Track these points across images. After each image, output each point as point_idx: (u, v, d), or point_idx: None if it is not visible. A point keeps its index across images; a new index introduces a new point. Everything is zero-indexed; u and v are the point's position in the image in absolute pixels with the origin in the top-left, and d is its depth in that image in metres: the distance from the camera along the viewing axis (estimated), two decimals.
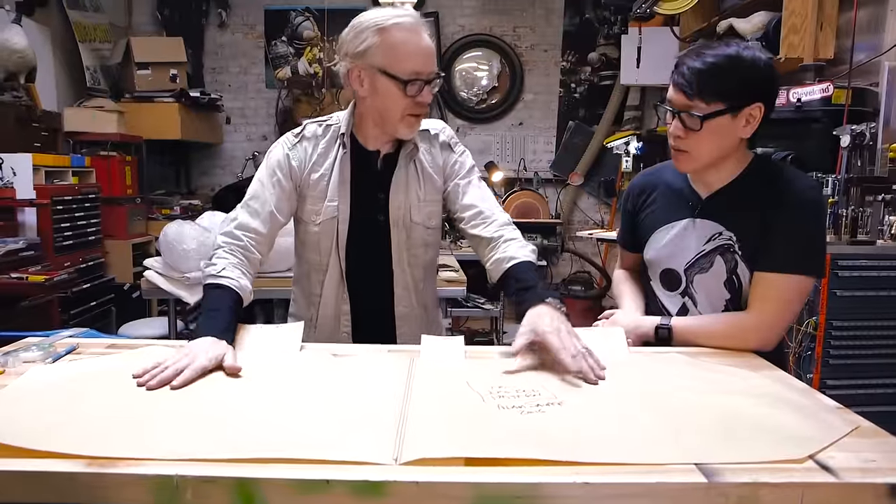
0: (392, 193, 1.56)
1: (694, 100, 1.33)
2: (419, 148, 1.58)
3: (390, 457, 0.82)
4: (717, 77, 1.31)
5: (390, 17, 1.41)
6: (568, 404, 1.02)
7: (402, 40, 1.41)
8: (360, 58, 1.44)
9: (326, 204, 1.55)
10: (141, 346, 1.30)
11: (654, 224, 1.55)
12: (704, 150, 1.38)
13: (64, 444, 0.82)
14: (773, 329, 1.39)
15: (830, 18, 3.10)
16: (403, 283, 1.62)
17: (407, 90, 1.42)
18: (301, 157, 1.56)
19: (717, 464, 0.83)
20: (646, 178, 1.64)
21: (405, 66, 1.41)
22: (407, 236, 1.59)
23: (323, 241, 1.57)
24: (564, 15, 5.42)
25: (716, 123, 1.34)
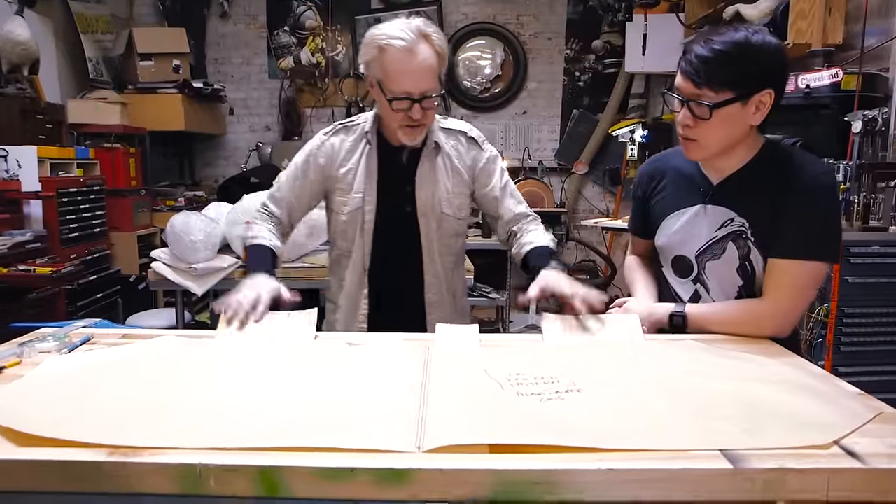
0: (418, 186, 1.66)
1: (702, 88, 1.31)
2: (443, 145, 1.68)
3: (413, 444, 0.82)
4: (726, 65, 1.29)
5: (389, 38, 1.50)
6: (587, 391, 1.02)
7: (394, 60, 1.50)
8: (366, 68, 1.58)
9: (353, 195, 1.66)
10: (155, 336, 1.29)
11: (664, 210, 1.54)
12: (714, 138, 1.36)
13: (86, 434, 0.82)
14: (788, 316, 1.38)
15: (839, 3, 3.07)
16: (433, 271, 1.71)
17: (393, 106, 1.53)
18: (329, 153, 1.69)
19: (741, 450, 0.82)
20: (655, 163, 1.63)
21: (395, 85, 1.51)
22: (438, 226, 1.69)
23: (349, 229, 1.69)
24: (568, 3, 5.38)
25: (725, 112, 1.32)
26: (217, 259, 2.86)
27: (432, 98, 1.54)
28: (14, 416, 0.86)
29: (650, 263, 1.68)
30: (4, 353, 1.17)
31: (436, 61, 1.53)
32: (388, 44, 1.49)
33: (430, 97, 1.53)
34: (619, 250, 5.46)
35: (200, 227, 2.79)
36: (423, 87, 1.51)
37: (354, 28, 5.39)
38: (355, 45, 5.41)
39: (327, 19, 5.35)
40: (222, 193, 4.21)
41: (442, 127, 1.71)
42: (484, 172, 1.73)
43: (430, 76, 1.53)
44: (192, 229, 2.77)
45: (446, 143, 1.69)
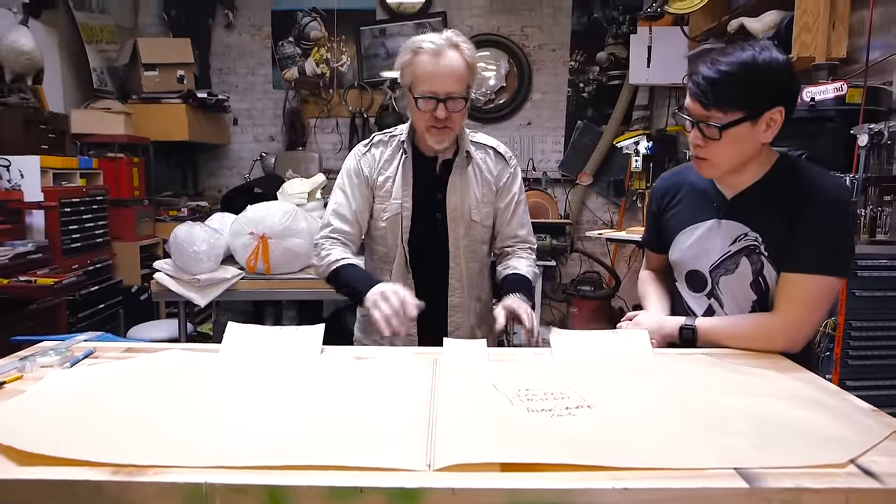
0: (449, 193, 1.75)
1: (711, 110, 1.31)
2: (473, 156, 1.78)
3: (423, 462, 0.80)
4: (733, 85, 1.28)
5: (421, 42, 1.61)
6: (598, 407, 1.00)
7: (422, 62, 1.59)
8: (401, 76, 1.68)
9: (391, 202, 1.76)
10: (158, 350, 1.28)
11: (678, 225, 1.54)
12: (724, 157, 1.36)
13: (89, 452, 0.80)
14: (801, 330, 1.36)
15: (843, 17, 3.07)
16: (458, 275, 1.78)
17: (419, 104, 1.61)
18: (370, 164, 1.78)
19: (757, 468, 0.81)
20: (670, 178, 1.62)
21: (421, 85, 1.60)
22: (465, 233, 1.77)
23: (389, 234, 1.77)
24: (572, 14, 5.40)
25: (735, 132, 1.31)
26: (220, 270, 2.85)
27: (457, 100, 1.60)
28: (15, 434, 0.85)
29: (664, 278, 1.68)
30: (5, 367, 1.16)
31: (463, 68, 1.60)
32: (419, 48, 1.59)
33: (455, 98, 1.60)
34: (623, 262, 5.45)
35: (204, 238, 2.79)
36: (448, 88, 1.59)
37: (359, 39, 5.40)
38: (360, 55, 5.42)
39: (332, 30, 5.36)
40: (226, 204, 4.20)
41: (473, 140, 1.80)
42: (506, 187, 1.82)
43: (456, 80, 1.60)
44: (196, 240, 2.76)
45: (476, 155, 1.79)
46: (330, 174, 3.60)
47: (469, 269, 1.80)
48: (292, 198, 3.32)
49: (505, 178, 1.82)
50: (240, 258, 2.90)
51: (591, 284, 5.16)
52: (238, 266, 2.93)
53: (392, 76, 5.25)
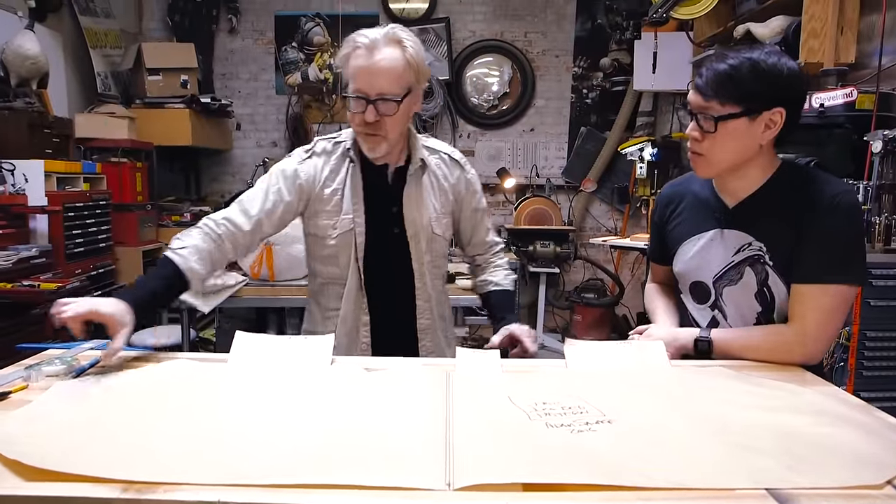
0: (405, 207, 1.59)
1: (710, 101, 1.30)
2: (428, 163, 1.62)
3: (443, 482, 0.77)
4: (734, 80, 1.28)
5: (357, 36, 1.46)
6: (618, 422, 0.97)
7: (355, 57, 1.45)
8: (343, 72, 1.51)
9: (342, 217, 1.56)
10: (165, 360, 1.25)
11: (681, 236, 1.51)
12: (720, 153, 1.34)
13: (98, 468, 0.77)
14: (818, 342, 1.33)
15: (851, 22, 3.05)
16: (425, 295, 1.63)
17: (349, 105, 1.47)
18: (310, 173, 1.57)
19: (788, 489, 0.78)
20: (673, 188, 1.60)
21: (353, 83, 1.46)
22: (428, 248, 1.62)
23: (341, 254, 1.58)
24: (576, 20, 5.39)
25: (731, 126, 1.30)
26: (224, 276, 2.83)
27: (388, 102, 1.43)
28: (21, 448, 0.82)
29: (671, 291, 1.65)
30: (10, 376, 1.13)
31: (402, 67, 1.45)
32: (354, 43, 1.45)
33: (387, 100, 1.44)
34: (627, 269, 5.42)
35: None
36: (379, 87, 1.43)
37: None
38: None
39: (335, 35, 5.35)
40: None
41: (425, 146, 1.65)
42: (467, 194, 1.70)
43: (391, 79, 1.44)
44: None
45: (431, 161, 1.64)
46: None
47: (435, 287, 1.65)
48: None
49: (463, 186, 1.68)
50: (243, 264, 2.88)
51: (594, 292, 5.14)
52: (242, 272, 2.91)
53: None
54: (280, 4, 5.42)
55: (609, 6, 5.32)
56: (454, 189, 1.67)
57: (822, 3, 3.01)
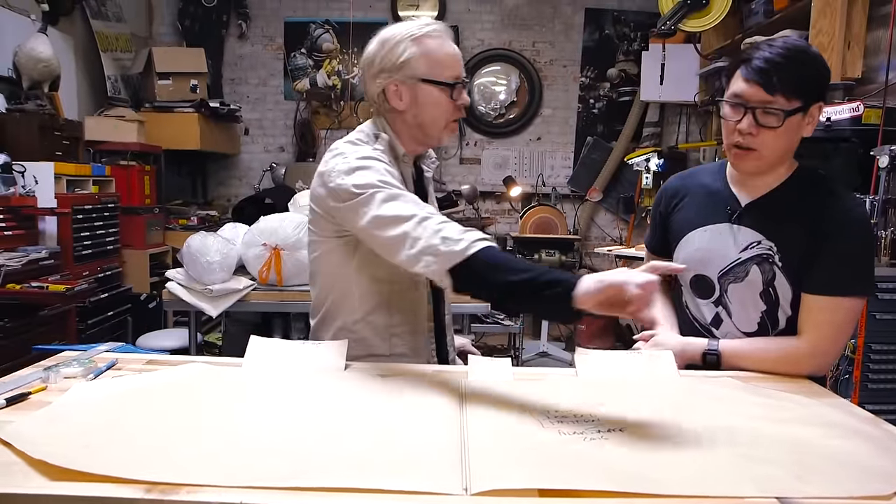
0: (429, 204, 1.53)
1: (776, 94, 1.26)
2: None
3: (459, 486, 0.79)
4: (796, 71, 1.26)
5: (422, 27, 1.40)
6: (630, 431, 0.99)
7: (438, 46, 1.40)
8: (397, 71, 1.39)
9: None
10: (180, 363, 1.27)
11: (686, 226, 1.51)
12: (775, 148, 1.32)
13: (122, 468, 0.79)
14: (828, 355, 1.35)
15: (858, 37, 3.07)
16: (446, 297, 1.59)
17: (454, 94, 1.41)
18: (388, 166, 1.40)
19: (799, 498, 0.79)
20: (680, 180, 1.60)
21: (447, 71, 1.40)
22: None
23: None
24: (584, 30, 5.42)
25: (791, 121, 1.28)
26: (233, 280, 2.84)
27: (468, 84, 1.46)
28: (45, 448, 0.84)
29: (667, 287, 1.65)
30: (29, 377, 1.15)
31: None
32: (426, 32, 1.39)
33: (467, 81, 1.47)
34: None
35: (217, 248, 2.78)
36: (462, 71, 1.45)
37: None
38: None
39: (344, 42, 5.38)
40: (237, 214, 4.20)
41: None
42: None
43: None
44: (209, 250, 2.76)
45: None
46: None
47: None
48: (304, 209, 3.31)
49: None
50: (252, 269, 2.89)
51: None
52: (250, 277, 2.92)
53: None
54: (290, 11, 5.47)
55: (617, 17, 5.36)
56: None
57: (829, 18, 3.03)
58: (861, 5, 3.02)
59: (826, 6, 3.03)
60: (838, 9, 2.99)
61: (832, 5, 3.01)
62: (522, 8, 5.44)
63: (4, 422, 0.94)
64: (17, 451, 0.85)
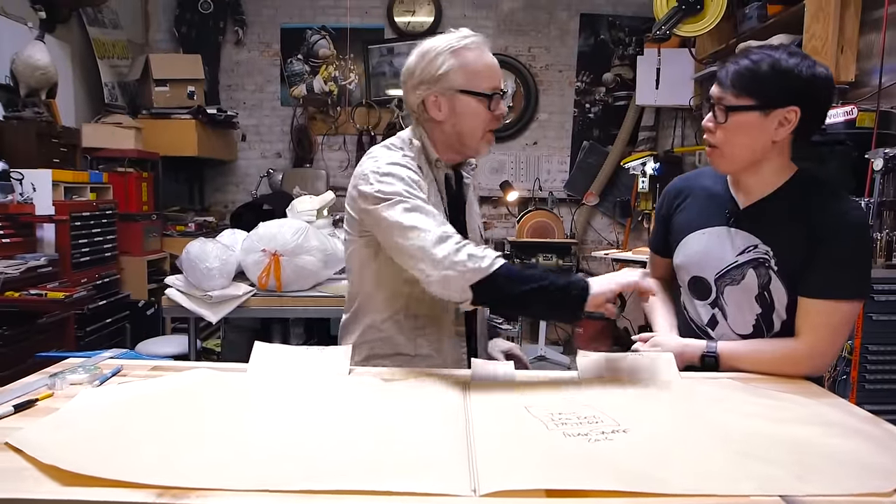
0: (467, 214, 1.60)
1: (725, 92, 1.35)
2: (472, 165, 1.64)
3: (468, 488, 0.80)
4: (752, 74, 1.32)
5: (460, 39, 1.44)
6: (634, 432, 1.00)
7: (477, 58, 1.44)
8: (436, 83, 1.44)
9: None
10: (185, 369, 1.28)
11: (686, 227, 1.53)
12: (733, 146, 1.37)
13: (133, 473, 0.80)
14: (825, 356, 1.37)
15: (851, 42, 3.10)
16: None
17: (491, 105, 1.45)
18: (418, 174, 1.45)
19: (802, 496, 0.81)
20: (684, 181, 1.63)
21: (484, 83, 1.45)
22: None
23: None
24: (579, 36, 5.45)
25: (742, 118, 1.34)
26: (232, 287, 2.85)
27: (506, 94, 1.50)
28: (55, 454, 0.84)
29: (669, 287, 1.67)
30: (35, 384, 1.15)
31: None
32: (467, 43, 1.43)
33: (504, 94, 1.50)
34: None
35: (216, 255, 2.79)
36: (500, 82, 1.49)
37: (367, 57, 5.45)
38: (368, 74, 5.46)
39: (343, 48, 5.40)
40: (235, 220, 4.21)
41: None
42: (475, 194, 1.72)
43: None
44: (209, 256, 2.76)
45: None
46: (338, 191, 3.60)
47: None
48: (302, 215, 3.32)
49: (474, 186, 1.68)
50: (251, 275, 2.90)
51: None
52: (249, 283, 2.93)
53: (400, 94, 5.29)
54: (286, 17, 5.48)
55: (612, 22, 5.40)
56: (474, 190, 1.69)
57: (822, 23, 3.06)
58: (854, 10, 3.05)
59: (819, 11, 3.06)
60: (831, 13, 3.02)
61: (825, 10, 3.04)
62: (518, 13, 5.47)
63: (13, 428, 0.94)
64: (28, 456, 0.85)
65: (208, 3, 5.41)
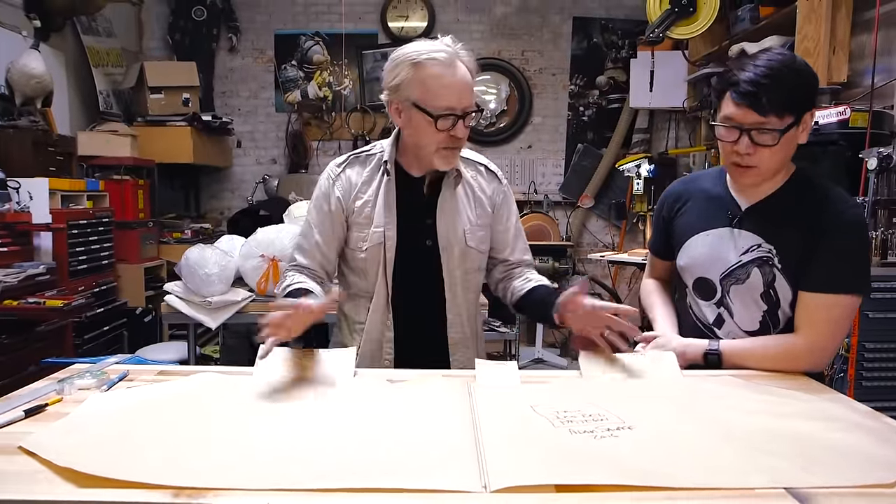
0: (439, 218, 1.56)
1: (768, 115, 1.30)
2: (464, 174, 1.59)
3: (479, 484, 0.81)
4: (784, 88, 1.29)
5: (424, 52, 1.43)
6: (639, 429, 1.01)
7: (434, 75, 1.42)
8: (395, 91, 1.47)
9: (373, 230, 1.55)
10: (191, 374, 1.28)
11: (689, 230, 1.54)
12: (774, 162, 1.37)
13: (149, 474, 0.81)
14: (825, 351, 1.39)
15: (843, 43, 3.14)
16: (455, 308, 1.60)
17: (438, 125, 1.43)
18: (345, 187, 1.59)
19: (807, 488, 0.82)
20: (682, 185, 1.64)
21: (437, 101, 1.42)
22: (461, 261, 1.59)
23: (370, 267, 1.57)
24: (572, 39, 5.48)
25: (787, 137, 1.32)
26: (231, 293, 2.85)
27: (472, 115, 1.46)
28: (70, 456, 0.85)
29: (668, 287, 1.69)
30: (44, 389, 1.16)
31: (470, 78, 1.46)
32: (428, 58, 1.41)
33: (471, 113, 1.46)
34: (624, 283, 5.48)
35: (215, 261, 2.79)
36: (465, 102, 1.44)
37: (361, 63, 5.46)
38: (362, 79, 5.48)
39: (337, 54, 5.42)
40: (232, 226, 4.21)
41: (461, 156, 1.60)
42: (503, 207, 1.67)
43: (470, 91, 1.46)
44: (208, 263, 2.77)
45: (466, 173, 1.61)
46: None
47: (467, 300, 1.62)
48: (298, 220, 3.33)
49: (500, 198, 1.65)
50: (250, 280, 2.91)
51: None
52: (248, 288, 2.93)
53: None
54: (280, 23, 5.49)
55: (605, 25, 5.43)
56: (491, 201, 1.64)
57: (814, 24, 3.10)
58: (845, 11, 3.08)
59: (811, 12, 3.10)
60: (823, 15, 3.06)
61: (817, 11, 3.08)
62: (511, 17, 5.50)
63: (25, 432, 0.95)
64: (41, 459, 0.86)
65: (202, 11, 5.42)
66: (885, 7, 2.89)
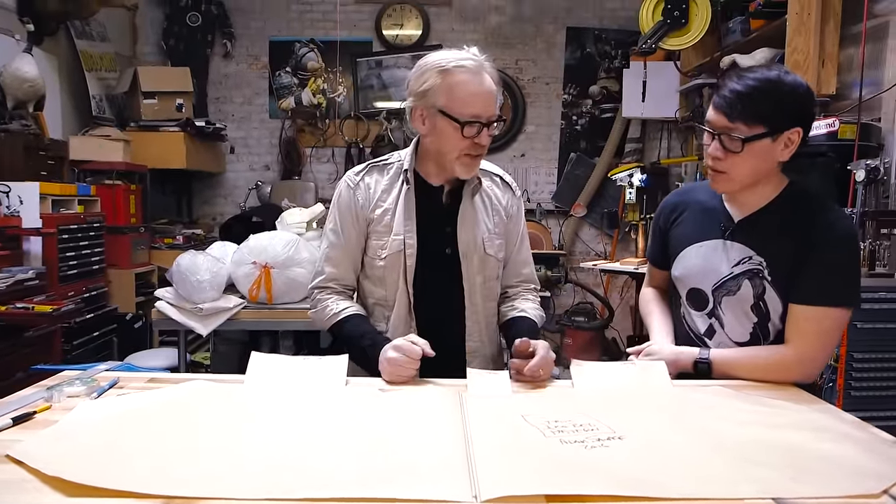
0: (460, 226, 1.57)
1: (735, 122, 1.34)
2: (483, 183, 1.62)
3: (469, 494, 0.81)
4: (759, 100, 1.32)
5: (452, 60, 1.45)
6: (629, 439, 1.02)
7: (462, 82, 1.44)
8: (421, 98, 1.48)
9: (392, 238, 1.56)
10: (182, 381, 1.28)
11: (684, 241, 1.56)
12: (743, 171, 1.39)
13: (138, 483, 0.80)
14: (815, 362, 1.40)
15: (832, 55, 3.17)
16: (474, 316, 1.61)
17: (464, 132, 1.45)
18: (365, 195, 1.60)
19: (794, 498, 0.83)
20: (678, 196, 1.66)
21: (464, 108, 1.44)
22: (480, 269, 1.60)
23: (388, 275, 1.57)
24: (566, 49, 5.51)
25: (756, 147, 1.34)
26: (222, 299, 2.84)
27: (496, 124, 1.49)
28: (59, 465, 0.85)
29: (666, 296, 1.70)
30: (32, 397, 1.15)
31: (495, 88, 1.49)
32: (456, 65, 1.44)
33: (495, 122, 1.49)
34: (616, 292, 5.49)
35: (207, 267, 2.78)
36: (490, 110, 1.47)
37: (356, 70, 5.47)
38: (356, 86, 5.48)
39: (329, 61, 5.42)
40: (224, 232, 4.20)
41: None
42: (514, 219, 1.69)
43: (495, 101, 1.48)
44: (199, 269, 2.76)
45: (484, 181, 1.63)
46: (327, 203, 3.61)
47: (486, 309, 1.63)
48: (291, 227, 3.33)
49: (514, 208, 1.68)
50: (242, 287, 2.90)
51: (584, 315, 5.18)
52: (239, 295, 2.92)
53: (388, 107, 5.32)
54: (274, 30, 5.50)
55: (598, 35, 5.46)
56: (506, 211, 1.67)
57: (803, 37, 3.13)
58: (833, 25, 3.12)
59: (801, 25, 3.13)
60: (812, 28, 3.09)
61: (806, 24, 3.11)
62: (505, 27, 5.52)
63: (13, 441, 0.95)
64: (29, 468, 0.86)
65: (196, 16, 5.42)
66: (873, 21, 2.93)
